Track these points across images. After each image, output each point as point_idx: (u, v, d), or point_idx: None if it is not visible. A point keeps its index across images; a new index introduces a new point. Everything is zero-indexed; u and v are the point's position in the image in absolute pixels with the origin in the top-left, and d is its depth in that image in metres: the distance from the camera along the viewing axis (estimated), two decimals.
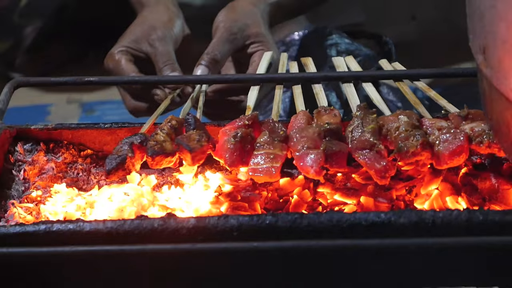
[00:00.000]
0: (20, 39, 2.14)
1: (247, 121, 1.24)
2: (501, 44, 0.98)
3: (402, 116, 1.23)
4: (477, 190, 1.19)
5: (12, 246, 1.07)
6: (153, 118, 1.30)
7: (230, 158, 1.18)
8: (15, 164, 1.29)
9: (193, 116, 1.28)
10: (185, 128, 1.25)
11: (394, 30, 2.04)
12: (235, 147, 1.18)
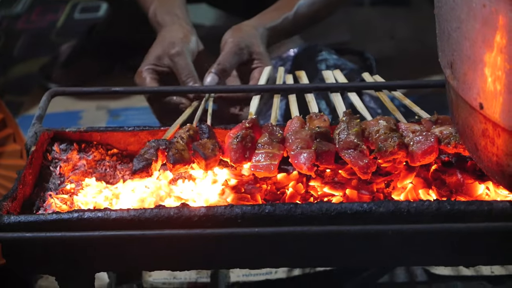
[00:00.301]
0: (57, 55, 2.14)
1: (248, 123, 1.25)
2: (466, 59, 1.00)
3: (382, 121, 1.24)
4: (445, 184, 1.19)
5: (50, 231, 1.09)
6: (176, 125, 1.30)
7: (234, 156, 1.19)
8: (52, 161, 1.30)
9: (207, 125, 1.29)
10: (199, 135, 1.26)
11: (374, 48, 2.04)
12: (237, 147, 1.19)
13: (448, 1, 1.01)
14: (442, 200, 1.13)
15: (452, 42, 1.03)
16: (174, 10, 1.68)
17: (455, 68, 1.03)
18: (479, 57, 0.96)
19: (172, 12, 1.67)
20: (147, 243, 1.11)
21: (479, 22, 0.94)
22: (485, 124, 1.01)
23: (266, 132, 1.24)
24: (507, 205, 1.06)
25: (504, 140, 0.99)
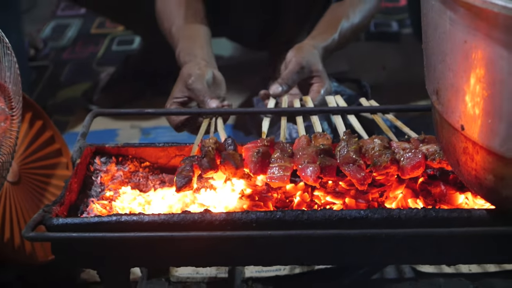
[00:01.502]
0: (97, 81, 2.15)
1: (267, 142, 1.25)
2: (450, 87, 1.00)
3: (376, 140, 1.23)
4: (431, 194, 1.19)
5: (92, 232, 1.09)
6: (198, 141, 1.30)
7: (254, 168, 1.18)
8: (94, 172, 1.30)
9: (232, 139, 1.29)
10: (225, 147, 1.26)
11: (369, 77, 2.04)
12: (257, 160, 1.19)
13: (434, 38, 1.01)
14: (428, 208, 1.13)
15: (437, 73, 1.03)
16: (194, 51, 1.68)
17: (440, 94, 1.04)
18: (461, 85, 0.96)
19: (192, 53, 1.67)
20: (174, 243, 1.11)
21: (461, 56, 0.94)
22: (466, 143, 1.01)
23: (278, 149, 1.23)
24: (484, 212, 1.06)
25: (482, 157, 0.99)
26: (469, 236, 1.06)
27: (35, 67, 2.39)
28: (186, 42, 1.70)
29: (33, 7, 2.84)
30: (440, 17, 0.97)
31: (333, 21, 1.74)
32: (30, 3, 2.84)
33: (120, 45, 2.52)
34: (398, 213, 1.08)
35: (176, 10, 1.75)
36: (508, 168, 0.96)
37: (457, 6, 0.92)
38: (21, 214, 1.36)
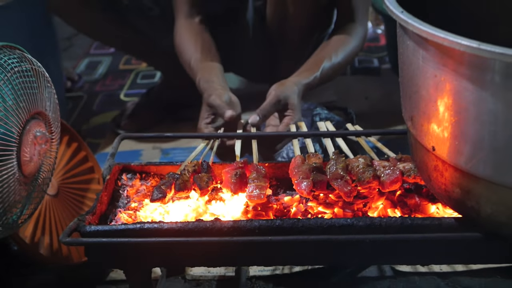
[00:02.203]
0: (124, 109, 2.15)
1: (241, 164, 1.26)
2: (422, 115, 1.00)
3: (360, 159, 1.24)
4: (407, 205, 1.19)
5: (119, 237, 1.09)
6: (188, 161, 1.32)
7: (233, 188, 1.20)
8: (121, 187, 1.30)
9: (207, 163, 1.30)
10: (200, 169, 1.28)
11: (354, 105, 2.04)
12: (236, 181, 1.20)
13: (409, 72, 1.01)
14: (405, 216, 1.13)
15: (412, 102, 1.03)
16: (211, 79, 1.68)
17: (414, 120, 1.04)
18: (432, 113, 0.96)
19: (210, 80, 1.67)
20: (189, 247, 1.11)
21: (432, 87, 0.94)
22: (436, 162, 1.01)
23: (254, 170, 1.24)
24: (452, 220, 1.06)
25: (450, 173, 0.99)
26: (440, 241, 1.06)
27: (72, 97, 2.40)
28: (204, 72, 1.70)
29: (70, 46, 2.86)
30: (413, 55, 0.97)
31: (317, 61, 1.74)
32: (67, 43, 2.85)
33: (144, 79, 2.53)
34: (379, 221, 1.08)
35: (193, 46, 1.75)
36: (472, 182, 0.96)
37: (428, 45, 0.92)
38: (58, 222, 1.36)
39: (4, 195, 1.06)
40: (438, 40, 0.87)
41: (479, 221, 1.00)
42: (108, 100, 2.38)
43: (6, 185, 1.06)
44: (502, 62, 0.83)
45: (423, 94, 0.97)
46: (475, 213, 0.99)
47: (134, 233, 1.10)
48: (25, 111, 1.09)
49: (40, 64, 1.16)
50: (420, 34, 0.90)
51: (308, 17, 1.78)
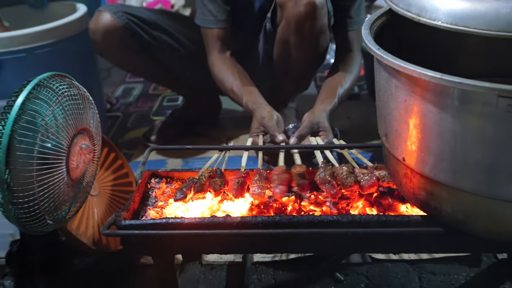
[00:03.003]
0: (153, 126, 2.15)
1: (244, 174, 1.26)
2: (395, 132, 1.00)
3: (344, 167, 1.23)
4: (382, 205, 1.18)
5: (148, 230, 1.09)
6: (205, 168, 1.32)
7: (235, 193, 1.21)
8: (150, 189, 1.30)
9: (220, 170, 1.31)
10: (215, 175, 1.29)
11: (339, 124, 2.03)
12: (237, 188, 1.21)
13: (383, 97, 1.01)
14: (380, 214, 1.12)
15: (386, 121, 1.03)
16: (257, 101, 1.71)
17: (388, 136, 1.03)
18: (403, 131, 0.96)
19: (256, 102, 1.70)
20: (205, 238, 1.10)
21: (402, 110, 0.94)
22: (406, 170, 1.00)
23: (257, 174, 1.25)
24: (419, 217, 1.05)
25: (417, 179, 0.99)
26: (409, 234, 1.05)
27: (110, 116, 2.40)
28: (248, 95, 1.72)
29: (109, 76, 2.87)
30: (387, 84, 0.97)
31: (332, 88, 1.77)
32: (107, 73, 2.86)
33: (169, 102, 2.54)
34: (360, 218, 1.08)
35: (231, 75, 1.77)
36: (435, 187, 0.96)
37: (399, 76, 0.92)
38: (99, 217, 1.36)
39: (55, 195, 1.07)
40: (408, 72, 0.87)
41: (441, 219, 1.00)
42: (140, 119, 2.38)
43: (57, 187, 1.06)
44: (460, 90, 0.83)
45: (395, 115, 0.97)
46: (438, 212, 0.99)
47: (160, 227, 1.10)
48: (73, 128, 1.10)
49: (85, 90, 1.16)
50: (393, 66, 0.90)
51: (306, 60, 1.79)
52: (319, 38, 1.71)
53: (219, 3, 1.75)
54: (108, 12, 1.78)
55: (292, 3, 1.62)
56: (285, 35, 1.71)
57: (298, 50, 1.73)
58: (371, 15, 1.10)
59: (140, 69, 1.98)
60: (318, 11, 1.62)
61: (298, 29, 1.66)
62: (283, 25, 1.70)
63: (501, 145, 0.84)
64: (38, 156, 1.01)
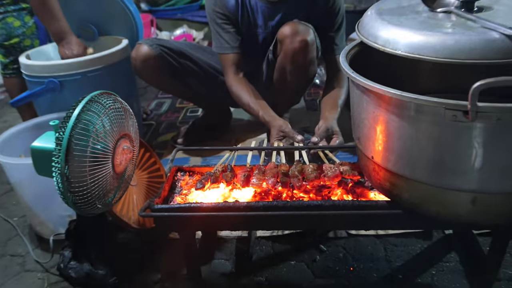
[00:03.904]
0: (179, 132, 2.14)
1: (248, 169, 1.26)
2: (365, 136, 1.00)
3: (311, 166, 1.23)
4: (356, 192, 1.17)
5: (175, 212, 1.09)
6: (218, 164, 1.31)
7: (242, 183, 1.20)
8: (177, 180, 1.30)
9: (230, 165, 1.29)
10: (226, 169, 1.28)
11: None
12: (243, 179, 1.20)
13: (357, 110, 1.01)
14: (354, 199, 1.12)
15: (359, 128, 1.03)
16: (271, 113, 1.69)
17: (360, 139, 1.03)
18: (372, 135, 0.96)
19: (270, 114, 1.69)
20: (219, 218, 1.11)
21: (372, 119, 0.94)
22: (374, 166, 1.00)
23: (257, 169, 1.25)
24: (384, 202, 1.05)
25: (383, 173, 0.99)
26: (376, 215, 1.05)
27: (146, 124, 2.40)
28: (263, 109, 1.71)
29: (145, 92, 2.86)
30: (360, 99, 0.97)
31: (334, 101, 1.74)
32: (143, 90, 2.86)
33: (191, 113, 2.53)
34: (338, 202, 1.08)
35: (247, 93, 1.74)
36: (396, 179, 0.96)
37: (369, 93, 0.92)
38: (137, 202, 1.36)
39: (103, 186, 1.07)
40: (375, 90, 0.87)
41: (401, 203, 1.00)
42: (169, 126, 2.38)
43: (104, 179, 1.07)
44: (415, 104, 0.83)
45: (366, 123, 0.97)
46: (398, 198, 0.99)
47: (184, 210, 1.10)
48: (117, 133, 1.10)
49: (126, 104, 1.16)
50: (364, 86, 0.90)
51: (298, 83, 1.79)
52: (309, 67, 1.72)
53: (233, 33, 1.75)
54: (146, 44, 1.79)
55: (289, 40, 1.63)
56: (283, 63, 1.71)
57: (292, 76, 1.73)
58: (347, 46, 1.10)
59: (169, 88, 1.98)
60: (309, 47, 1.64)
61: (293, 60, 1.67)
62: (281, 56, 1.70)
63: (447, 147, 0.84)
64: (90, 155, 1.02)
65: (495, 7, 0.93)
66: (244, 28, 1.77)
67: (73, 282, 1.34)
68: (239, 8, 1.73)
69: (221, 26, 1.75)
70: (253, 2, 1.73)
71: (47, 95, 1.78)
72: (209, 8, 1.76)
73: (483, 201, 0.87)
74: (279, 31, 1.67)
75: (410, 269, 1.31)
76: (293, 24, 1.64)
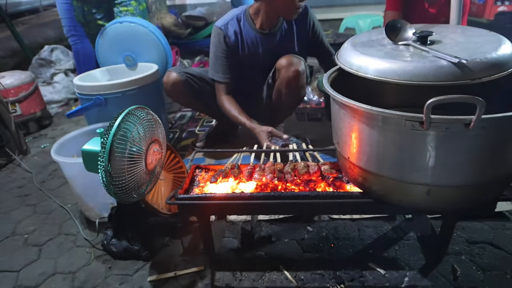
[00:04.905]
0: (197, 137, 2.13)
1: (251, 167, 1.26)
2: (343, 141, 0.99)
3: (302, 163, 1.23)
4: (336, 185, 1.17)
5: (194, 201, 1.09)
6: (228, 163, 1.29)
7: (246, 178, 1.20)
8: (195, 176, 1.29)
9: (238, 164, 1.28)
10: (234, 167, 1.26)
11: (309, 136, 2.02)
12: (248, 175, 1.20)
13: (337, 120, 1.01)
14: (334, 191, 1.11)
15: (338, 134, 1.02)
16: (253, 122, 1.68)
17: (339, 143, 1.03)
18: (347, 140, 0.96)
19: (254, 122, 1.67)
20: (228, 205, 1.10)
21: (348, 128, 0.94)
22: (350, 164, 1.00)
23: (258, 167, 1.24)
24: (358, 193, 1.04)
25: (357, 170, 0.98)
26: (352, 203, 1.04)
27: (172, 131, 2.40)
28: (248, 119, 1.70)
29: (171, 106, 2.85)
30: (338, 111, 0.97)
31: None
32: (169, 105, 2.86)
33: (207, 123, 2.52)
34: (322, 193, 1.08)
35: (235, 108, 1.73)
36: (367, 174, 0.95)
37: (346, 107, 0.92)
38: (165, 193, 1.36)
39: (138, 180, 1.07)
40: (350, 105, 0.87)
41: (371, 194, 0.99)
42: (190, 133, 2.37)
43: (139, 175, 1.07)
44: (382, 116, 0.83)
45: (343, 131, 0.97)
46: (369, 190, 0.99)
47: (202, 199, 1.09)
48: (149, 139, 1.10)
49: (156, 115, 1.16)
50: (342, 102, 0.90)
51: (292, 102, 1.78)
52: (300, 90, 1.72)
53: (226, 66, 1.74)
54: (175, 72, 1.81)
55: (285, 70, 1.65)
56: (280, 87, 1.71)
57: (287, 97, 1.73)
58: (328, 71, 1.10)
59: (191, 104, 1.97)
60: (301, 76, 1.65)
61: (288, 85, 1.68)
62: (278, 82, 1.70)
63: (407, 149, 0.84)
64: (127, 156, 1.02)
65: (444, 41, 0.94)
66: (246, 56, 1.76)
67: (114, 255, 1.34)
68: (239, 42, 1.72)
69: (220, 59, 1.74)
70: (251, 35, 1.72)
71: (95, 109, 1.79)
72: (213, 43, 1.74)
73: (435, 192, 0.87)
74: (277, 62, 1.68)
75: (378, 246, 1.30)
76: (288, 57, 1.65)
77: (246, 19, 1.71)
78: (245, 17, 1.71)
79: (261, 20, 1.69)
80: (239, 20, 1.72)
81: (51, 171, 2.02)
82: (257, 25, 1.71)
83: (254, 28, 1.71)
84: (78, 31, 2.54)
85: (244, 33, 1.71)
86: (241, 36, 1.72)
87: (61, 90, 3.05)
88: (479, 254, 1.23)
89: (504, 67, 0.82)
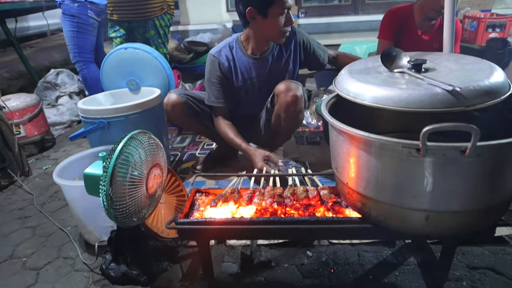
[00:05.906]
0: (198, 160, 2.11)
1: (251, 191, 1.26)
2: (342, 166, 1.00)
3: (301, 188, 1.23)
4: (335, 210, 1.16)
5: (194, 225, 1.08)
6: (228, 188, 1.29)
7: (246, 202, 1.19)
8: (196, 199, 1.29)
9: (237, 188, 1.28)
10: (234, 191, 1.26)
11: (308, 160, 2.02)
12: (247, 199, 1.20)
13: (335, 145, 1.01)
14: (333, 216, 1.11)
15: (336, 160, 1.03)
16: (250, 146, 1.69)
17: (337, 168, 1.03)
18: (346, 166, 0.96)
19: (250, 146, 1.68)
20: (228, 230, 1.09)
21: (345, 154, 0.94)
22: (348, 189, 1.00)
23: (258, 191, 1.24)
24: (357, 218, 1.04)
25: (355, 195, 0.98)
26: (351, 228, 1.04)
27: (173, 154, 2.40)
28: (244, 142, 1.71)
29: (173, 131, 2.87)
30: (337, 138, 0.98)
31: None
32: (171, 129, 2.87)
33: (207, 146, 2.52)
34: (321, 218, 1.07)
35: (231, 131, 1.75)
36: (366, 200, 0.95)
37: (344, 134, 0.92)
38: (165, 216, 1.35)
39: (138, 203, 1.06)
40: (348, 132, 0.88)
41: (370, 219, 0.99)
42: (190, 156, 2.37)
43: (139, 199, 1.06)
44: (379, 143, 0.83)
45: (342, 157, 0.97)
46: (368, 215, 0.98)
47: (201, 223, 1.09)
48: (150, 163, 1.10)
49: (158, 140, 1.17)
50: (340, 129, 0.91)
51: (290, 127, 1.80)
52: (298, 114, 1.73)
53: (220, 91, 1.76)
54: (175, 93, 1.82)
55: (283, 95, 1.66)
56: (279, 112, 1.73)
57: (286, 121, 1.74)
58: (327, 97, 1.12)
59: (191, 127, 1.99)
60: (299, 100, 1.67)
61: (286, 110, 1.69)
62: (277, 106, 1.72)
63: (404, 176, 0.84)
64: (129, 180, 1.02)
65: (438, 68, 0.96)
66: (241, 81, 1.78)
67: (112, 280, 1.31)
68: (232, 68, 1.75)
69: (213, 84, 1.76)
70: (243, 61, 1.75)
71: (98, 132, 1.80)
72: (208, 69, 1.77)
73: (434, 218, 0.86)
74: (276, 87, 1.70)
75: (378, 271, 1.28)
76: (287, 82, 1.68)
77: (238, 45, 1.75)
78: (237, 44, 1.75)
79: (252, 46, 1.72)
80: (231, 47, 1.75)
81: (52, 193, 2.01)
82: (248, 51, 1.74)
83: (246, 54, 1.74)
84: (83, 57, 2.60)
85: (237, 59, 1.74)
86: (233, 62, 1.75)
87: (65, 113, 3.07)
88: (480, 280, 1.21)
89: (497, 94, 0.84)
